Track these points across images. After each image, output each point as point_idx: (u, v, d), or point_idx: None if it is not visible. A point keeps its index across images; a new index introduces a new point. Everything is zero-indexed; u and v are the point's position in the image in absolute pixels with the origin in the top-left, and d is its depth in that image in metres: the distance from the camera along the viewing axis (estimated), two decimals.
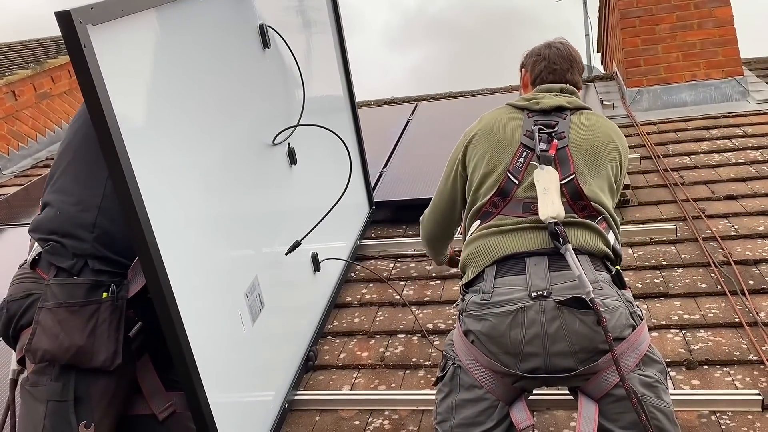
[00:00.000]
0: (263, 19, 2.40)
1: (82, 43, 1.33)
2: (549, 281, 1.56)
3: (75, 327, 1.55)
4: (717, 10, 4.75)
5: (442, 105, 5.33)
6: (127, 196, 1.43)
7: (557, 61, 1.98)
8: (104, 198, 1.64)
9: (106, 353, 1.56)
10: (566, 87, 1.96)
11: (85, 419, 1.54)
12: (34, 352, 1.55)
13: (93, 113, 1.38)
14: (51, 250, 1.63)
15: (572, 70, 2.00)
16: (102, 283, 1.61)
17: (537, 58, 2.01)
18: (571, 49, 2.03)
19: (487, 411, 1.58)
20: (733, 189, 3.35)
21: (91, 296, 1.59)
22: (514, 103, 1.93)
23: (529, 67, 2.03)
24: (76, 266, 1.61)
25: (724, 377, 2.09)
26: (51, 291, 1.59)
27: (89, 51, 1.35)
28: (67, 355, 1.54)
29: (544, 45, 2.04)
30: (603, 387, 1.52)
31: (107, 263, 1.63)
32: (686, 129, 4.33)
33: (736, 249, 2.79)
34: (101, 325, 1.57)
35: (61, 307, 1.57)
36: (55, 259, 1.62)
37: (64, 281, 1.60)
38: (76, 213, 1.64)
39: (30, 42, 7.26)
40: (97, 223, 1.63)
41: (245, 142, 2.19)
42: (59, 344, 1.54)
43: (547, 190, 1.68)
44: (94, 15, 1.39)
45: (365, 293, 2.93)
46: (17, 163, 5.72)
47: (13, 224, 4.09)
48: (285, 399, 2.20)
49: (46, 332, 1.55)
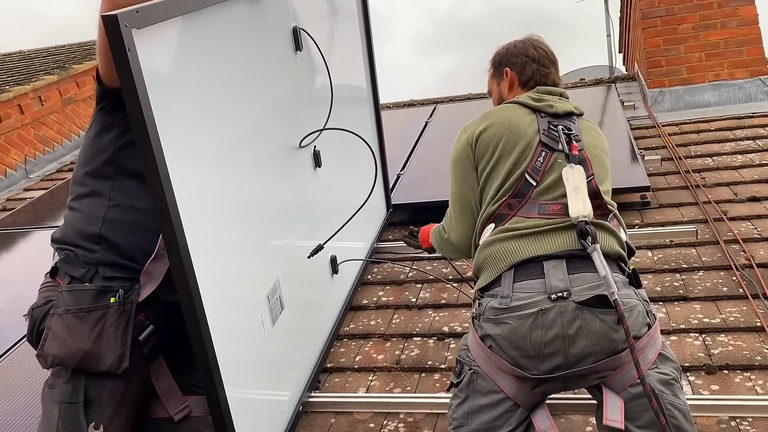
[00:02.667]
0: (297, 22, 2.42)
1: (126, 46, 1.36)
2: (569, 282, 1.56)
3: (82, 332, 1.58)
4: (741, 8, 4.68)
5: (460, 107, 5.32)
6: (161, 197, 1.46)
7: (546, 64, 1.98)
8: (109, 209, 1.67)
9: (112, 357, 1.59)
10: (564, 92, 1.97)
11: (94, 420, 1.57)
12: (45, 357, 1.60)
13: (133, 113, 1.41)
14: (65, 259, 1.68)
15: (556, 71, 2.01)
16: (111, 289, 1.64)
17: (525, 59, 1.97)
18: (551, 49, 2.02)
19: (505, 415, 1.57)
20: (756, 191, 3.29)
21: (98, 302, 1.62)
22: (526, 103, 1.88)
23: (518, 68, 1.99)
24: (87, 274, 1.65)
25: (745, 382, 2.05)
26: (62, 298, 1.63)
27: (133, 54, 1.38)
28: (74, 360, 1.58)
29: (527, 44, 2.00)
30: (625, 381, 1.51)
31: (118, 269, 1.66)
32: (709, 130, 4.26)
33: (758, 252, 2.74)
34: (108, 329, 1.60)
35: (69, 313, 1.60)
36: (68, 268, 1.66)
37: (73, 288, 1.64)
38: (82, 226, 1.69)
39: (56, 48, 7.41)
40: (101, 234, 1.66)
41: (274, 144, 2.22)
42: (67, 349, 1.57)
43: (577, 189, 1.68)
44: (139, 19, 1.41)
45: (381, 295, 2.93)
46: (43, 167, 5.84)
47: (39, 227, 4.17)
48: (300, 400, 2.22)
49: (56, 338, 1.59)
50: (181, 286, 1.53)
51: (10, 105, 5.55)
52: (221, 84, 1.84)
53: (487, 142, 1.83)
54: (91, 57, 6.57)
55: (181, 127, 1.58)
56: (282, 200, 2.25)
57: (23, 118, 5.68)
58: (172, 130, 1.52)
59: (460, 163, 1.89)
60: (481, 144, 1.84)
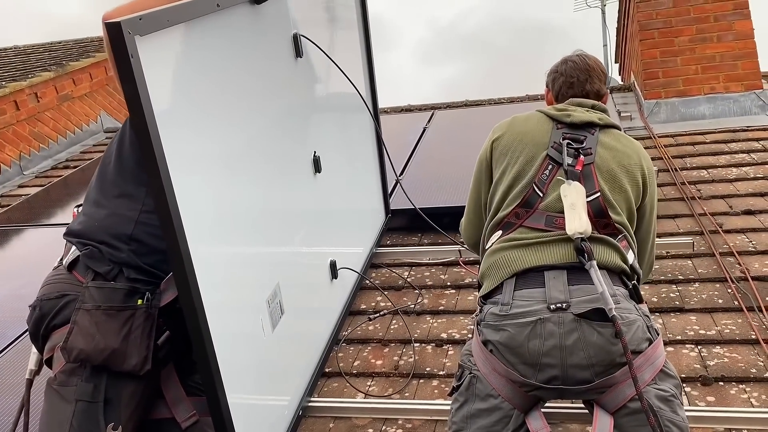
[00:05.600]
0: (297, 29, 2.44)
1: (129, 53, 1.36)
2: (568, 294, 1.57)
3: (111, 330, 1.59)
4: (737, 23, 4.74)
5: (458, 113, 5.34)
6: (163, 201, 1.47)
7: (573, 74, 2.00)
8: (142, 213, 1.67)
9: (137, 358, 1.60)
10: (599, 104, 1.96)
11: (113, 421, 1.57)
12: (69, 351, 1.58)
13: (135, 119, 1.41)
14: (89, 254, 1.67)
15: (591, 79, 2.00)
16: (137, 290, 1.65)
17: (555, 75, 2.04)
18: (588, 60, 2.03)
19: (503, 420, 1.59)
20: (751, 204, 3.33)
21: (127, 302, 1.63)
22: (546, 112, 1.92)
23: (551, 84, 2.06)
24: (111, 272, 1.65)
25: (740, 394, 2.08)
26: (89, 293, 1.63)
27: (136, 61, 1.38)
28: (101, 357, 1.58)
29: (561, 61, 2.06)
30: (618, 400, 1.53)
31: (141, 272, 1.67)
32: (704, 142, 4.31)
33: (753, 264, 2.78)
34: (135, 330, 1.61)
35: (99, 310, 1.60)
36: (92, 264, 1.66)
37: (103, 285, 1.64)
38: (112, 224, 1.68)
39: (52, 44, 7.37)
40: (133, 236, 1.67)
41: (275, 149, 2.23)
42: (95, 345, 1.57)
43: (574, 206, 1.68)
44: (141, 26, 1.42)
45: (380, 301, 2.94)
46: (38, 164, 5.81)
47: (33, 225, 4.15)
48: (300, 405, 2.23)
49: (82, 332, 1.58)
50: (182, 290, 1.53)
51: (6, 101, 5.52)
52: (222, 90, 1.85)
53: (501, 149, 1.90)
54: (88, 54, 6.55)
55: (183, 134, 1.59)
56: (282, 205, 2.26)
57: (18, 114, 5.64)
58: (175, 136, 1.52)
59: (479, 165, 1.99)
60: (497, 150, 1.91)
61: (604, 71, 2.06)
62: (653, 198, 1.90)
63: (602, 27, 8.21)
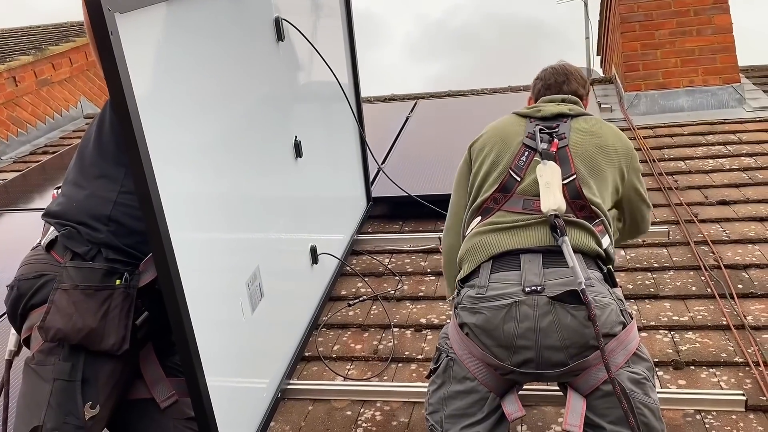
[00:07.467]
0: (279, 12, 2.44)
1: (109, 30, 1.36)
2: (543, 277, 1.60)
3: (89, 309, 1.59)
4: (716, 17, 4.80)
5: (441, 103, 5.36)
6: (143, 184, 1.47)
7: (551, 78, 2.11)
8: (120, 193, 1.67)
9: (115, 338, 1.60)
10: (568, 97, 2.03)
11: (91, 400, 1.57)
12: (47, 330, 1.58)
13: (115, 97, 1.41)
14: (68, 235, 1.66)
15: (568, 81, 2.09)
16: (116, 271, 1.65)
17: (536, 81, 2.15)
18: (568, 66, 2.14)
19: (479, 403, 1.61)
20: (726, 194, 3.39)
21: (105, 282, 1.63)
22: (518, 111, 2.02)
23: (532, 89, 2.17)
24: (90, 253, 1.65)
25: (710, 378, 2.13)
26: (67, 273, 1.62)
27: (116, 38, 1.38)
28: (78, 336, 1.57)
29: (542, 69, 2.16)
30: (592, 383, 1.56)
31: (120, 253, 1.67)
32: (682, 134, 4.37)
33: (726, 253, 2.84)
34: (113, 310, 1.61)
35: (77, 290, 1.60)
36: (71, 244, 1.65)
37: (82, 264, 1.63)
38: (90, 205, 1.68)
39: (31, 28, 7.26)
40: (112, 216, 1.67)
41: (256, 133, 2.23)
42: (72, 324, 1.57)
43: (549, 184, 1.73)
44: (122, 3, 1.42)
45: (360, 287, 2.96)
46: (16, 149, 5.73)
47: (10, 209, 4.11)
48: (279, 387, 2.24)
49: (60, 312, 1.58)
50: (161, 272, 1.54)
51: None
52: (203, 71, 1.85)
53: (478, 149, 1.97)
54: (68, 39, 6.46)
55: (163, 115, 1.59)
56: (263, 189, 2.27)
57: None
58: (155, 117, 1.52)
59: (459, 171, 2.05)
60: (474, 152, 1.99)
61: (584, 77, 2.15)
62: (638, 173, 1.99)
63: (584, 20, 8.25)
